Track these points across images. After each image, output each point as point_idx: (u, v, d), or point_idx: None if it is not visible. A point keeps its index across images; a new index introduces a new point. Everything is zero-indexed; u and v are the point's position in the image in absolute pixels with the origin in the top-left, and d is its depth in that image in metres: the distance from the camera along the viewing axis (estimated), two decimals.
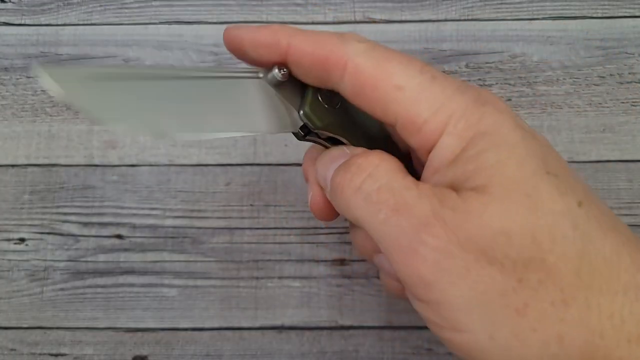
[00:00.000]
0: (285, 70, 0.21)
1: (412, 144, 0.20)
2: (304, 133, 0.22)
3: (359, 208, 0.19)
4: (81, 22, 0.34)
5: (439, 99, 0.19)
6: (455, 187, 0.18)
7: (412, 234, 0.18)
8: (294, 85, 0.22)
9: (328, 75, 0.20)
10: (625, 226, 0.18)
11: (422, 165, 0.20)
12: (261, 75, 0.22)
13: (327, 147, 0.23)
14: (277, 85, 0.22)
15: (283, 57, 0.20)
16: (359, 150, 0.21)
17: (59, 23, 0.34)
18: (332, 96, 0.22)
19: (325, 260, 0.32)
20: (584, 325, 0.16)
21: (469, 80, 0.33)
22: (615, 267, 0.17)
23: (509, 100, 0.33)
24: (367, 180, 0.19)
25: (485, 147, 0.18)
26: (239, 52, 0.21)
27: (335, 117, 0.22)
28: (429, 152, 0.19)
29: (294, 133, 0.22)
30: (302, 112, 0.22)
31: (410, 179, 0.19)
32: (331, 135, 0.22)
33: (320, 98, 0.22)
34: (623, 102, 0.33)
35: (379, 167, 0.19)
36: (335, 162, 0.21)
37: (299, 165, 0.33)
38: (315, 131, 0.22)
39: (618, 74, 0.33)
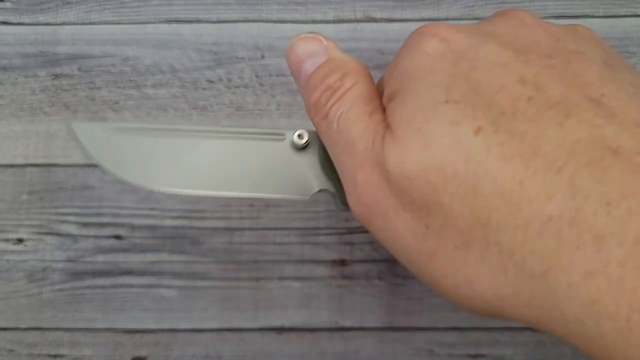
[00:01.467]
0: (304, 134, 0.22)
1: None
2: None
3: (323, 133, 0.20)
4: (80, 21, 0.34)
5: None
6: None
7: (352, 173, 0.18)
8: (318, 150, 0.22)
9: None
10: (576, 134, 0.15)
11: None
12: (284, 138, 0.22)
13: None
14: (299, 149, 0.22)
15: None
16: (337, 53, 0.21)
17: (58, 22, 0.34)
18: None
19: (326, 261, 0.31)
20: (487, 265, 0.16)
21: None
22: (515, 199, 0.15)
23: None
24: (335, 104, 0.19)
25: (398, 87, 0.18)
26: None
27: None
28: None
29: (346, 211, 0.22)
30: (339, 196, 0.22)
31: (369, 108, 0.19)
32: None
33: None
34: None
35: (351, 89, 0.19)
36: (311, 58, 0.21)
37: None
38: None
39: None
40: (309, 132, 0.22)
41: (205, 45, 0.34)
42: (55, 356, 0.31)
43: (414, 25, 0.34)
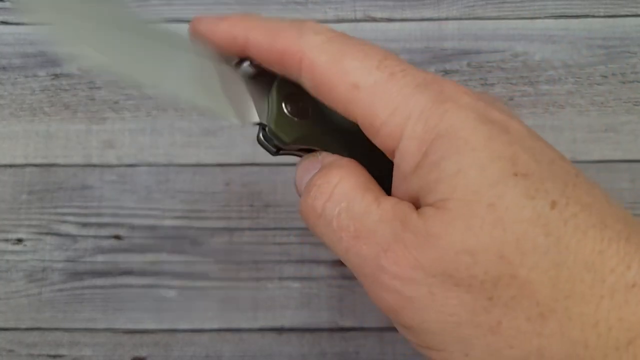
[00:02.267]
0: (254, 64, 0.20)
1: (378, 145, 0.19)
2: (276, 149, 0.21)
3: (323, 235, 0.19)
4: None
5: (395, 98, 0.18)
6: (420, 199, 0.17)
7: (374, 263, 0.17)
8: (266, 79, 0.21)
9: (287, 71, 0.19)
10: (620, 215, 0.16)
11: None
12: (234, 63, 0.21)
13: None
14: (249, 78, 0.21)
15: (244, 53, 0.19)
16: (329, 159, 0.20)
17: None
18: (301, 103, 0.20)
19: (326, 261, 0.31)
20: (565, 337, 0.15)
21: (471, 80, 0.33)
22: (598, 269, 0.15)
23: (511, 99, 0.33)
24: (327, 205, 0.18)
25: (446, 153, 0.17)
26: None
27: (305, 129, 0.20)
28: (394, 155, 0.18)
29: (267, 150, 0.21)
30: (267, 128, 0.20)
31: (371, 198, 0.18)
32: (305, 147, 0.21)
33: (287, 110, 0.20)
34: (625, 102, 0.33)
35: (337, 186, 0.18)
36: (308, 173, 0.20)
37: None
38: (285, 147, 0.21)
39: (621, 73, 0.33)
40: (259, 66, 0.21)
41: None
42: (55, 356, 0.31)
43: (414, 25, 0.34)
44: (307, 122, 0.21)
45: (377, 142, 0.19)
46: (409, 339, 0.18)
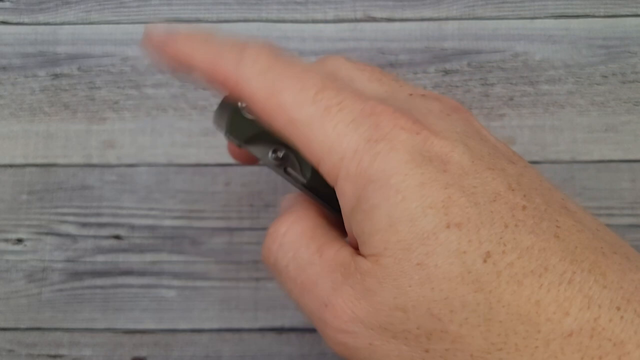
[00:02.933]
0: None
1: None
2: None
3: (279, 284, 0.19)
4: (79, 21, 0.34)
5: (330, 136, 0.17)
6: (359, 244, 0.17)
7: (318, 316, 0.17)
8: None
9: (232, 96, 0.19)
10: (571, 248, 0.16)
11: None
12: None
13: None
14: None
15: (191, 73, 0.19)
16: (285, 203, 0.21)
17: (57, 22, 0.34)
18: None
19: None
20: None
21: (471, 80, 0.33)
22: (533, 319, 0.15)
23: (511, 99, 0.33)
24: (278, 255, 0.19)
25: (377, 202, 0.16)
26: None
27: (262, 126, 0.20)
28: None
29: (237, 139, 0.22)
30: (225, 129, 0.21)
31: (314, 247, 0.18)
32: (274, 150, 0.21)
33: (243, 107, 0.21)
34: (626, 102, 0.33)
35: (286, 235, 0.19)
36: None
37: None
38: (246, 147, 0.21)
39: (621, 73, 0.33)
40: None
41: None
42: (55, 356, 0.31)
43: (414, 25, 0.34)
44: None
45: (321, 173, 0.18)
46: None
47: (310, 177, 0.22)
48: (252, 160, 0.23)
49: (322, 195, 0.22)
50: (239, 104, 0.21)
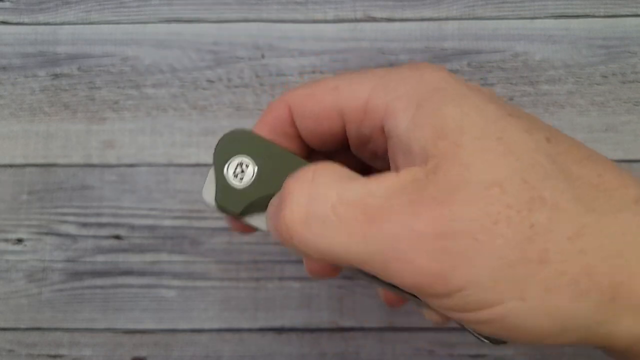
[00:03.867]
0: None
1: (366, 132, 0.19)
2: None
3: (319, 240, 0.16)
4: (79, 21, 0.34)
5: (372, 80, 0.19)
6: (425, 150, 0.17)
7: (406, 234, 0.16)
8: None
9: (290, 129, 0.21)
10: (599, 156, 0.18)
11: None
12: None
13: None
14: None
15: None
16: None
17: (57, 22, 0.34)
18: (244, 167, 0.20)
19: None
20: (603, 250, 0.16)
21: (471, 80, 0.33)
22: (604, 188, 0.17)
23: (511, 99, 0.33)
24: (312, 205, 0.16)
25: (441, 101, 0.17)
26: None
27: (254, 193, 0.20)
28: (382, 129, 0.18)
29: (232, 214, 0.20)
30: (215, 201, 0.20)
31: (362, 180, 0.17)
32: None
33: (229, 179, 0.20)
34: (626, 102, 0.33)
35: (315, 178, 0.17)
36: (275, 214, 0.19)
37: None
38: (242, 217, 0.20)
39: (621, 73, 0.33)
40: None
41: (205, 45, 0.34)
42: (55, 356, 0.31)
43: (414, 25, 0.34)
44: (255, 185, 0.20)
45: (366, 125, 0.19)
46: (455, 307, 0.16)
47: None
48: (253, 230, 0.22)
49: None
50: (225, 169, 0.20)
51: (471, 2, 0.34)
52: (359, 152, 0.21)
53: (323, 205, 0.16)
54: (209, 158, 0.33)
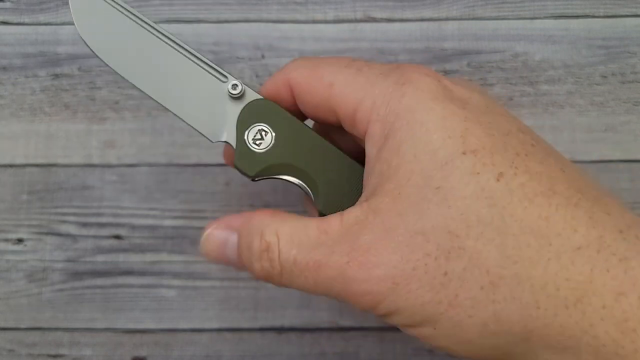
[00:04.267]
0: (238, 86, 0.22)
1: (356, 137, 0.21)
2: (251, 178, 0.23)
3: (292, 284, 0.20)
4: None
5: (363, 87, 0.20)
6: (379, 184, 0.19)
7: (342, 278, 0.18)
8: (248, 107, 0.23)
9: (289, 100, 0.22)
10: (574, 182, 0.18)
11: None
12: (224, 81, 0.23)
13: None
14: (233, 99, 0.23)
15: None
16: (236, 220, 0.22)
17: (58, 22, 0.34)
18: (263, 134, 0.22)
19: None
20: (517, 300, 0.16)
21: (471, 80, 0.33)
22: (544, 233, 0.16)
23: (511, 99, 0.33)
24: (282, 259, 0.20)
25: (403, 136, 0.18)
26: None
27: (269, 159, 0.22)
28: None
29: (246, 175, 0.23)
30: (233, 163, 0.22)
31: (314, 229, 0.20)
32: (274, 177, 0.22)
33: (249, 142, 0.22)
34: (625, 102, 0.33)
35: (280, 240, 0.20)
36: (225, 246, 0.22)
37: None
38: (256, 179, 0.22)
39: (620, 73, 0.33)
40: (246, 87, 0.23)
41: (205, 45, 0.34)
42: (55, 356, 0.31)
43: (414, 25, 0.34)
44: (271, 151, 0.22)
45: (355, 132, 0.21)
46: (392, 322, 0.19)
47: (322, 210, 0.22)
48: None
49: None
50: (246, 135, 0.22)
51: (471, 2, 0.34)
52: (354, 137, 0.22)
53: (287, 260, 0.19)
54: (209, 158, 0.33)
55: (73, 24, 0.23)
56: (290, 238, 0.20)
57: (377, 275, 0.18)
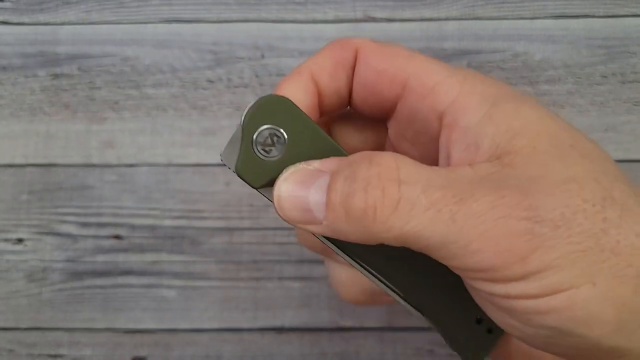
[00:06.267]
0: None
1: (422, 111, 0.20)
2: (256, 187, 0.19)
3: (405, 224, 0.17)
4: (79, 21, 0.34)
5: (449, 69, 0.20)
6: (500, 148, 0.18)
7: (493, 213, 0.16)
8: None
9: (348, 71, 0.21)
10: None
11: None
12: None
13: None
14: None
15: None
16: (331, 160, 0.18)
17: (58, 22, 0.34)
18: (273, 142, 0.19)
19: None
20: None
21: None
22: None
23: None
24: (403, 189, 0.17)
25: (518, 102, 0.18)
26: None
27: (277, 169, 0.19)
28: (440, 115, 0.19)
29: (248, 184, 0.20)
30: (235, 168, 0.19)
31: (440, 168, 0.18)
32: None
33: (257, 149, 0.19)
34: (625, 102, 0.33)
35: (400, 170, 0.17)
36: (306, 187, 0.18)
37: None
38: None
39: (620, 73, 0.33)
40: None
41: (205, 45, 0.34)
42: (55, 356, 0.31)
43: (414, 25, 0.34)
44: (283, 160, 0.19)
45: (425, 103, 0.20)
46: (522, 297, 0.17)
47: None
48: (326, 252, 0.22)
49: (338, 245, 0.20)
50: (254, 137, 0.19)
51: (471, 2, 0.34)
52: (396, 130, 0.21)
53: (413, 190, 0.17)
54: (209, 158, 0.33)
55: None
56: (413, 169, 0.17)
57: (538, 215, 0.16)
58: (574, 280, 0.16)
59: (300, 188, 0.18)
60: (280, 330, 0.31)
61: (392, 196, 0.16)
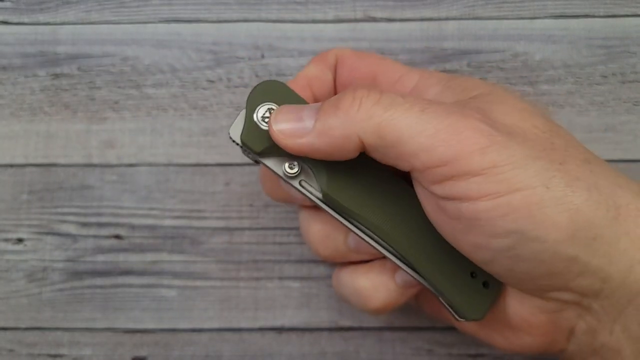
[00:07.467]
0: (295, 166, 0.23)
1: None
2: (254, 160, 0.23)
3: (386, 110, 0.20)
4: (79, 21, 0.34)
5: (410, 67, 0.26)
6: (464, 94, 0.22)
7: (459, 113, 0.19)
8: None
9: (329, 67, 0.26)
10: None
11: None
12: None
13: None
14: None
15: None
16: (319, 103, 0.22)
17: (58, 22, 0.34)
18: (271, 112, 0.22)
19: (325, 261, 0.31)
20: (610, 178, 0.19)
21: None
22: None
23: None
24: (384, 94, 0.20)
25: (469, 77, 0.24)
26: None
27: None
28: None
29: (251, 151, 0.23)
30: (240, 138, 0.22)
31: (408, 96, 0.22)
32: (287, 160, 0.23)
33: (259, 119, 0.22)
34: (625, 102, 0.33)
35: (377, 87, 0.22)
36: (298, 120, 0.22)
37: None
38: (260, 159, 0.23)
39: (620, 73, 0.33)
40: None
41: (205, 45, 0.34)
42: (55, 356, 0.31)
43: (414, 25, 0.34)
44: None
45: (394, 89, 0.25)
46: (481, 195, 0.19)
47: (326, 189, 0.22)
48: (289, 199, 0.25)
49: (336, 209, 0.23)
50: (255, 113, 0.22)
51: (471, 2, 0.34)
52: None
53: (392, 94, 0.20)
54: (209, 158, 0.33)
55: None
56: (393, 93, 0.21)
57: (497, 123, 0.20)
58: (528, 180, 0.18)
59: (296, 108, 0.22)
60: (280, 330, 0.31)
61: (375, 94, 0.20)
